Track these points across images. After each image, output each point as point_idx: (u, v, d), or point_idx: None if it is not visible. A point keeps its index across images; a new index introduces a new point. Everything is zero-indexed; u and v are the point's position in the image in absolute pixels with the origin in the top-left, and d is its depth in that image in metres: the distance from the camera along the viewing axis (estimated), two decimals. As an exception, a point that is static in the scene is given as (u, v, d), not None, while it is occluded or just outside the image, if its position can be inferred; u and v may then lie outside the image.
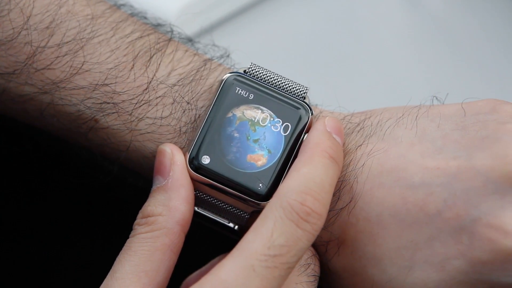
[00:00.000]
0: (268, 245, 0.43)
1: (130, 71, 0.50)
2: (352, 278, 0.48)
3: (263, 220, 0.43)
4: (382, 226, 0.47)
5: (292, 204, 0.44)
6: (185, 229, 0.47)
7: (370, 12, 0.74)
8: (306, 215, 0.43)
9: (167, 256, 0.46)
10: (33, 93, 0.49)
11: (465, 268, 0.45)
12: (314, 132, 0.48)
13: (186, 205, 0.47)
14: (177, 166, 0.48)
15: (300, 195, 0.44)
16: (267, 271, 0.42)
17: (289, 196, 0.44)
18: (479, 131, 0.46)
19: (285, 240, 0.43)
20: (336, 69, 0.71)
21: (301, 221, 0.43)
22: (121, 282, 0.45)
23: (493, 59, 0.72)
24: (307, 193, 0.44)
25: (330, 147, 0.47)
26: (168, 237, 0.46)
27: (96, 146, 0.51)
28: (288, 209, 0.43)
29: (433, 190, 0.46)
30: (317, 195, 0.44)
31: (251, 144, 0.49)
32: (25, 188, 0.60)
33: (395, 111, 0.50)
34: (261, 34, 0.72)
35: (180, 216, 0.47)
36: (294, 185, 0.44)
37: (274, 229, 0.43)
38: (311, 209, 0.44)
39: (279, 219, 0.43)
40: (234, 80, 0.49)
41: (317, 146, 0.47)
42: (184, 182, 0.48)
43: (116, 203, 0.60)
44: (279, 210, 0.43)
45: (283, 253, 0.43)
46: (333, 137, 0.47)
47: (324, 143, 0.47)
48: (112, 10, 0.51)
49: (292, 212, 0.43)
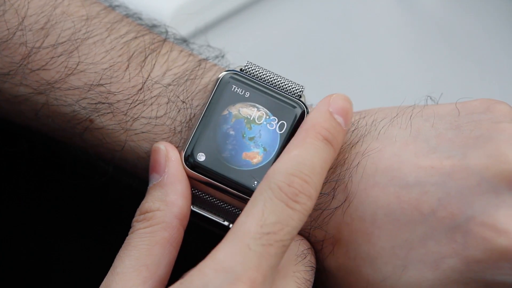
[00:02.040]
0: (260, 224, 0.43)
1: (125, 71, 0.50)
2: (347, 277, 0.48)
3: (253, 202, 0.44)
4: (376, 225, 0.47)
5: (280, 186, 0.44)
6: (184, 223, 0.47)
7: (365, 12, 0.74)
8: (295, 196, 0.44)
9: (167, 250, 0.46)
10: (28, 94, 0.49)
11: (460, 267, 0.45)
12: (314, 111, 0.47)
13: (183, 199, 0.48)
14: (172, 162, 0.48)
15: (287, 177, 0.44)
16: (263, 249, 0.42)
17: (277, 178, 0.44)
18: (473, 131, 0.47)
19: (277, 218, 0.43)
20: (331, 69, 0.71)
21: (290, 201, 0.43)
22: (121, 276, 0.45)
23: (487, 59, 0.72)
24: (295, 174, 0.44)
25: (326, 129, 0.46)
26: (167, 231, 0.47)
27: (91, 146, 0.51)
28: (277, 190, 0.44)
29: (427, 189, 0.46)
30: (305, 177, 0.44)
31: (247, 142, 0.49)
32: (20, 189, 0.60)
33: (389, 111, 0.50)
34: (256, 34, 0.72)
35: (178, 210, 0.47)
36: (282, 168, 0.44)
37: (265, 209, 0.43)
38: (299, 190, 0.44)
39: (268, 200, 0.43)
40: (230, 78, 0.49)
41: (312, 127, 0.46)
42: (180, 178, 0.48)
43: (111, 203, 0.60)
44: (267, 192, 0.44)
45: (276, 230, 0.43)
46: (333, 118, 0.47)
47: (321, 124, 0.46)
48: (107, 11, 0.51)
49: (281, 193, 0.43)
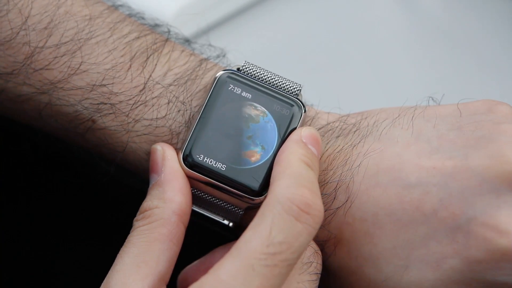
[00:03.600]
0: (267, 243, 0.42)
1: (127, 71, 0.50)
2: (349, 277, 0.48)
3: (261, 218, 0.43)
4: (378, 226, 0.47)
5: (291, 198, 0.43)
6: (184, 219, 0.47)
7: (366, 13, 0.74)
8: (307, 207, 0.43)
9: (166, 246, 0.46)
10: (31, 93, 0.49)
11: (461, 267, 0.45)
12: (288, 142, 0.47)
13: (181, 195, 0.47)
14: (168, 161, 0.48)
15: (297, 188, 0.43)
16: (267, 270, 0.42)
17: (286, 191, 0.43)
18: (475, 131, 0.47)
19: (284, 236, 0.42)
20: (333, 70, 0.71)
21: (301, 214, 0.43)
22: (121, 273, 0.45)
23: (489, 60, 0.72)
24: (303, 185, 0.43)
25: (304, 155, 0.46)
26: (165, 227, 0.46)
27: (93, 146, 0.51)
28: (287, 204, 0.43)
29: (429, 190, 0.46)
30: (312, 187, 0.44)
31: (245, 141, 0.49)
32: (22, 188, 0.60)
33: (391, 111, 0.50)
34: (258, 35, 0.72)
35: (176, 206, 0.47)
36: (287, 182, 0.44)
37: (273, 226, 0.42)
38: (311, 200, 0.43)
39: (277, 215, 0.43)
40: (227, 78, 0.49)
41: (291, 153, 0.46)
42: (177, 175, 0.48)
43: (113, 203, 0.60)
44: (277, 206, 0.43)
45: (283, 250, 0.42)
46: (307, 147, 0.47)
47: (298, 151, 0.46)
48: (110, 10, 0.51)
49: (292, 206, 0.43)
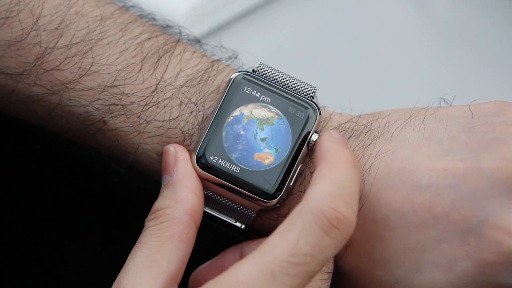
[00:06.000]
0: (292, 252, 0.41)
1: (139, 72, 0.50)
2: (360, 279, 0.48)
3: (290, 225, 0.42)
4: (389, 228, 0.47)
5: (324, 211, 0.42)
6: (195, 219, 0.47)
7: (378, 13, 0.74)
8: (338, 222, 0.42)
9: (177, 245, 0.46)
10: (41, 94, 0.49)
11: (472, 270, 0.45)
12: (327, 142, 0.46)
13: (193, 195, 0.47)
14: (180, 161, 0.48)
15: (333, 201, 0.42)
16: (288, 279, 0.41)
17: (321, 202, 0.42)
18: (487, 133, 0.46)
19: (311, 248, 0.41)
20: (343, 70, 0.71)
21: (330, 228, 0.42)
22: (132, 273, 0.45)
23: (501, 61, 0.72)
24: (340, 198, 0.42)
25: (350, 154, 0.45)
26: (177, 227, 0.46)
27: (104, 147, 0.51)
28: (319, 215, 0.42)
29: (440, 192, 0.46)
30: (349, 201, 0.42)
31: (259, 143, 0.49)
32: (33, 188, 0.60)
33: (402, 112, 0.50)
34: (270, 35, 0.72)
35: (188, 206, 0.47)
36: (325, 191, 0.42)
37: (301, 236, 0.41)
38: (344, 215, 0.42)
39: (307, 225, 0.41)
40: (242, 79, 0.49)
41: (337, 152, 0.45)
42: (189, 175, 0.48)
43: (123, 204, 0.60)
44: (308, 216, 0.42)
45: (307, 261, 0.41)
46: (348, 146, 0.46)
47: (343, 150, 0.45)
48: (121, 11, 0.51)
49: (323, 219, 0.42)
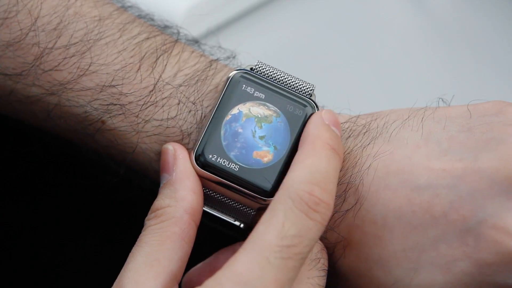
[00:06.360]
0: (281, 236, 0.42)
1: (137, 72, 0.50)
2: (358, 280, 0.48)
3: (273, 212, 0.43)
4: (387, 228, 0.47)
5: (301, 195, 0.43)
6: (195, 218, 0.47)
7: (376, 13, 0.74)
8: (315, 205, 0.43)
9: (178, 244, 0.46)
10: (40, 94, 0.49)
11: (471, 270, 0.45)
12: (312, 124, 0.48)
13: (192, 194, 0.48)
14: (180, 160, 0.48)
15: (307, 185, 0.44)
16: (282, 262, 0.42)
17: (297, 187, 0.44)
18: (485, 133, 0.46)
19: (297, 230, 0.43)
20: (342, 70, 0.71)
21: (310, 211, 0.43)
22: (133, 272, 0.45)
23: (499, 61, 0.72)
24: (314, 183, 0.44)
25: (330, 139, 0.46)
26: (177, 226, 0.46)
27: (103, 147, 0.51)
28: (298, 200, 0.43)
29: (438, 192, 0.46)
30: (323, 185, 0.44)
31: (257, 141, 0.49)
32: (32, 189, 0.60)
33: (401, 113, 0.50)
34: (267, 35, 0.72)
35: (188, 205, 0.47)
36: (301, 176, 0.44)
37: (285, 220, 0.43)
38: (320, 199, 0.44)
39: (289, 210, 0.43)
40: (240, 77, 0.49)
41: (318, 137, 0.46)
42: (189, 174, 0.48)
43: (123, 204, 0.60)
44: (288, 201, 0.43)
45: (296, 243, 0.43)
46: (332, 129, 0.47)
47: (324, 134, 0.47)
48: (119, 11, 0.51)
49: (302, 203, 0.43)
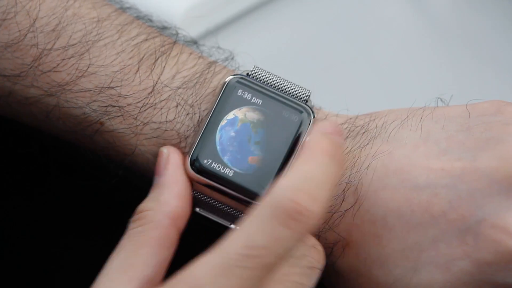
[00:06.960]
0: (244, 244, 0.41)
1: (136, 74, 0.50)
2: (357, 279, 0.48)
3: (249, 219, 0.41)
4: (387, 228, 0.47)
5: (283, 203, 0.41)
6: (177, 224, 0.46)
7: (375, 14, 0.74)
8: (296, 213, 0.41)
9: (155, 250, 0.45)
10: (39, 96, 0.49)
11: (470, 269, 0.45)
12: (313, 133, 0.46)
13: (177, 200, 0.47)
14: (171, 165, 0.48)
15: (292, 192, 0.41)
16: (243, 271, 0.40)
17: (280, 193, 0.41)
18: (484, 133, 0.47)
19: (266, 241, 0.41)
20: (340, 71, 0.71)
21: (287, 220, 0.41)
22: (108, 277, 0.44)
23: (498, 61, 0.72)
24: (301, 190, 0.41)
25: (329, 145, 0.44)
26: (156, 231, 0.46)
27: (102, 149, 0.51)
28: (277, 208, 0.41)
29: (437, 192, 0.46)
30: (313, 193, 0.42)
31: (252, 146, 0.49)
32: (30, 190, 0.60)
33: (399, 113, 0.50)
34: (266, 36, 0.72)
35: (170, 209, 0.46)
36: (287, 183, 0.42)
37: (256, 227, 0.41)
38: (304, 206, 0.41)
39: (263, 218, 0.41)
40: (236, 83, 0.50)
41: (316, 145, 0.44)
42: (177, 179, 0.48)
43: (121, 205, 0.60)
44: (266, 209, 0.41)
45: (262, 254, 0.40)
46: (332, 137, 0.45)
47: (323, 142, 0.45)
48: (118, 13, 0.51)
49: (280, 211, 0.41)
